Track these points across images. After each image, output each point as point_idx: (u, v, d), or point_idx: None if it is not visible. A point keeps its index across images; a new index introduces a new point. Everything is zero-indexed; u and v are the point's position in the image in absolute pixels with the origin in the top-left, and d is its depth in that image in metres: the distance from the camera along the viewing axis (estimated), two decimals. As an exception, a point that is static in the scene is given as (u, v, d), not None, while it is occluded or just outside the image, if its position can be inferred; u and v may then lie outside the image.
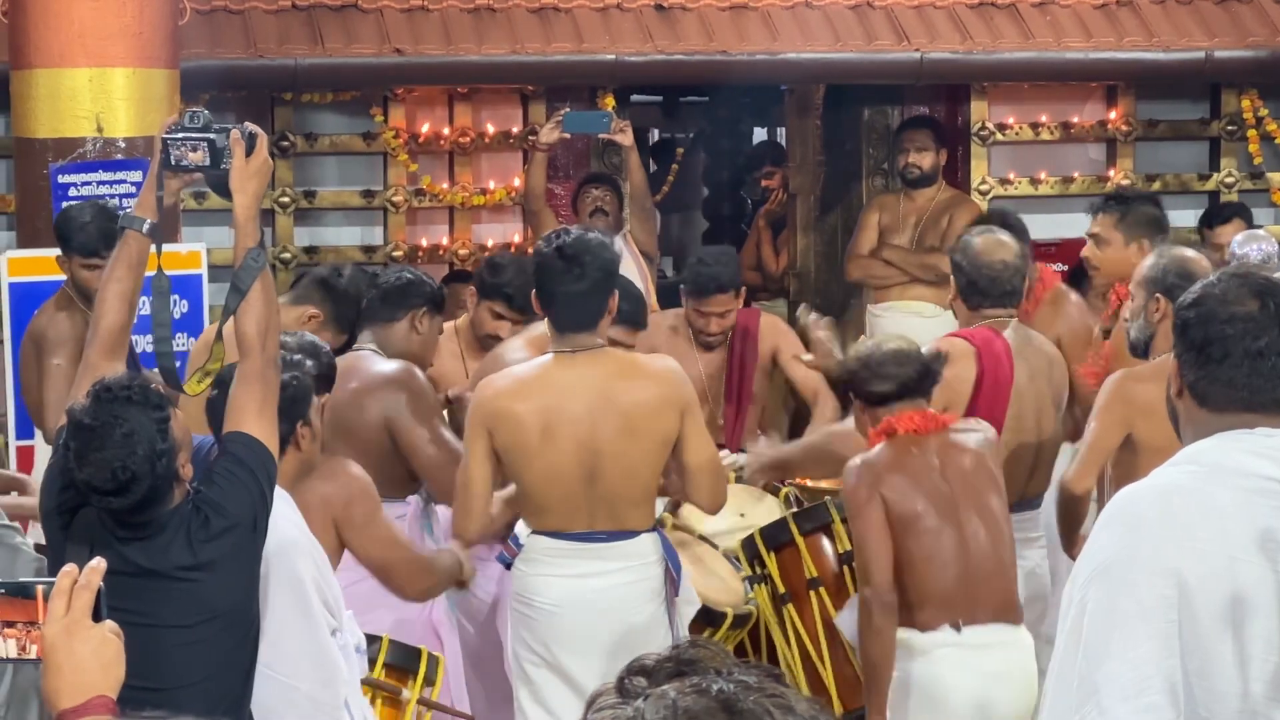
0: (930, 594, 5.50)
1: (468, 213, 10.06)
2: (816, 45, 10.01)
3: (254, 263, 4.55)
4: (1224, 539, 3.30)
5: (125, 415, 4.24)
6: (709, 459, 5.82)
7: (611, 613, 5.70)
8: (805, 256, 11.04)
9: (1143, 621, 3.27)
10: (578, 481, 5.69)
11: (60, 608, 2.91)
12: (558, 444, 5.67)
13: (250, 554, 4.46)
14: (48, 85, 7.91)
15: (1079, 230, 10.57)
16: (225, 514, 4.37)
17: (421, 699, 5.40)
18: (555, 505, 5.73)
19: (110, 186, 7.88)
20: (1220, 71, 10.43)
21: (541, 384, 5.74)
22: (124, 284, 4.68)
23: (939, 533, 5.51)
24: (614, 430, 5.68)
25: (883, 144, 10.84)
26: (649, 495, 5.83)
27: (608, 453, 5.67)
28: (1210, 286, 3.49)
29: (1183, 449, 3.47)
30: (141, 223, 4.69)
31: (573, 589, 5.72)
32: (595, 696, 1.91)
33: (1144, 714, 3.24)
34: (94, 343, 4.66)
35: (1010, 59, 10.18)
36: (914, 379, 5.67)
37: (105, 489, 4.26)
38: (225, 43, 9.46)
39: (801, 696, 1.86)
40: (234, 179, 4.61)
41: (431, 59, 9.68)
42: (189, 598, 4.37)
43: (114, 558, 4.27)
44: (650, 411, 5.70)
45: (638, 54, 9.86)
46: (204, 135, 4.64)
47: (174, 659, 4.35)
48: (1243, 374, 3.41)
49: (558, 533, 5.75)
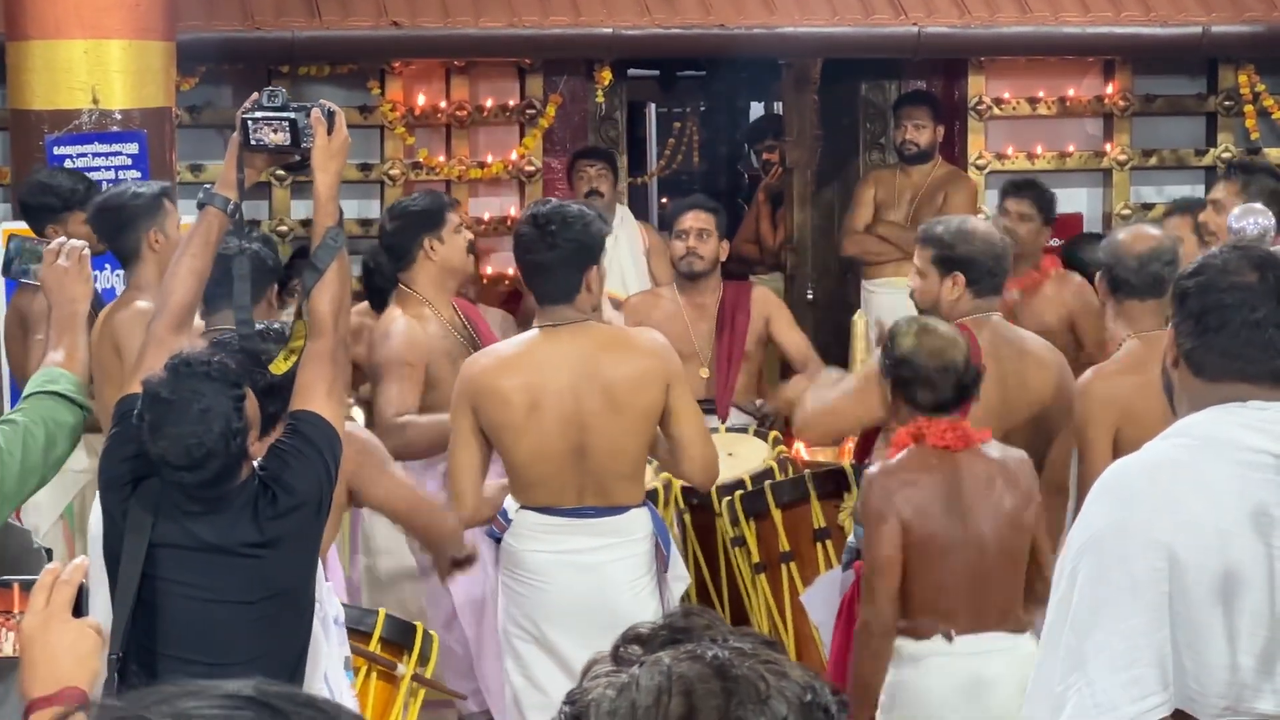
0: (931, 606, 5.37)
1: (464, 186, 10.06)
2: (814, 19, 10.00)
3: (333, 242, 4.55)
4: (1215, 512, 3.31)
5: (203, 391, 4.24)
6: (698, 431, 5.79)
7: (600, 588, 5.69)
8: (802, 231, 11.05)
9: (1133, 594, 3.27)
10: (565, 457, 5.67)
11: (40, 601, 2.94)
12: (544, 420, 5.65)
13: (314, 533, 4.47)
14: (43, 57, 7.90)
15: (1076, 205, 10.62)
16: (293, 492, 4.37)
17: (416, 676, 5.40)
18: (543, 481, 5.71)
19: (105, 159, 7.87)
20: (1217, 47, 10.42)
21: (526, 360, 5.71)
22: (198, 260, 4.65)
23: (949, 550, 5.35)
24: (599, 404, 5.66)
25: (879, 119, 10.84)
26: (637, 470, 5.81)
27: (594, 427, 5.65)
28: (1211, 258, 3.51)
29: (1175, 422, 3.48)
30: (225, 201, 4.67)
31: (561, 564, 5.71)
32: (590, 664, 1.92)
33: (1132, 686, 3.26)
34: (162, 317, 4.63)
35: (1007, 33, 10.18)
36: (950, 399, 5.43)
37: (179, 463, 4.25)
38: (222, 15, 9.45)
39: (796, 664, 1.87)
40: (316, 158, 4.61)
41: (428, 32, 9.67)
42: (253, 574, 4.36)
43: (179, 531, 4.33)
44: (635, 385, 5.68)
45: (635, 27, 9.85)
46: (284, 114, 4.64)
47: (233, 635, 4.35)
48: (1239, 344, 3.42)
49: (547, 508, 5.74)
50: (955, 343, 5.48)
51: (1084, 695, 3.26)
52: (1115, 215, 10.55)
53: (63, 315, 4.80)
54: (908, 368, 5.43)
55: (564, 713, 1.88)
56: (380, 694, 5.35)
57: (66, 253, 4.84)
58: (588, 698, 1.86)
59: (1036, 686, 3.38)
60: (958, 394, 5.44)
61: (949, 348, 5.45)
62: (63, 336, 4.78)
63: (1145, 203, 10.67)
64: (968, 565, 5.37)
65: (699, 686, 1.82)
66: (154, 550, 4.28)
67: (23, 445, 4.49)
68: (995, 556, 5.39)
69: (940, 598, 5.37)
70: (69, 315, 4.81)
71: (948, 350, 5.44)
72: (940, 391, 5.41)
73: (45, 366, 4.70)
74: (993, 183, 10.46)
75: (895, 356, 5.48)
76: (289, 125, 4.63)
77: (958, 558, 5.36)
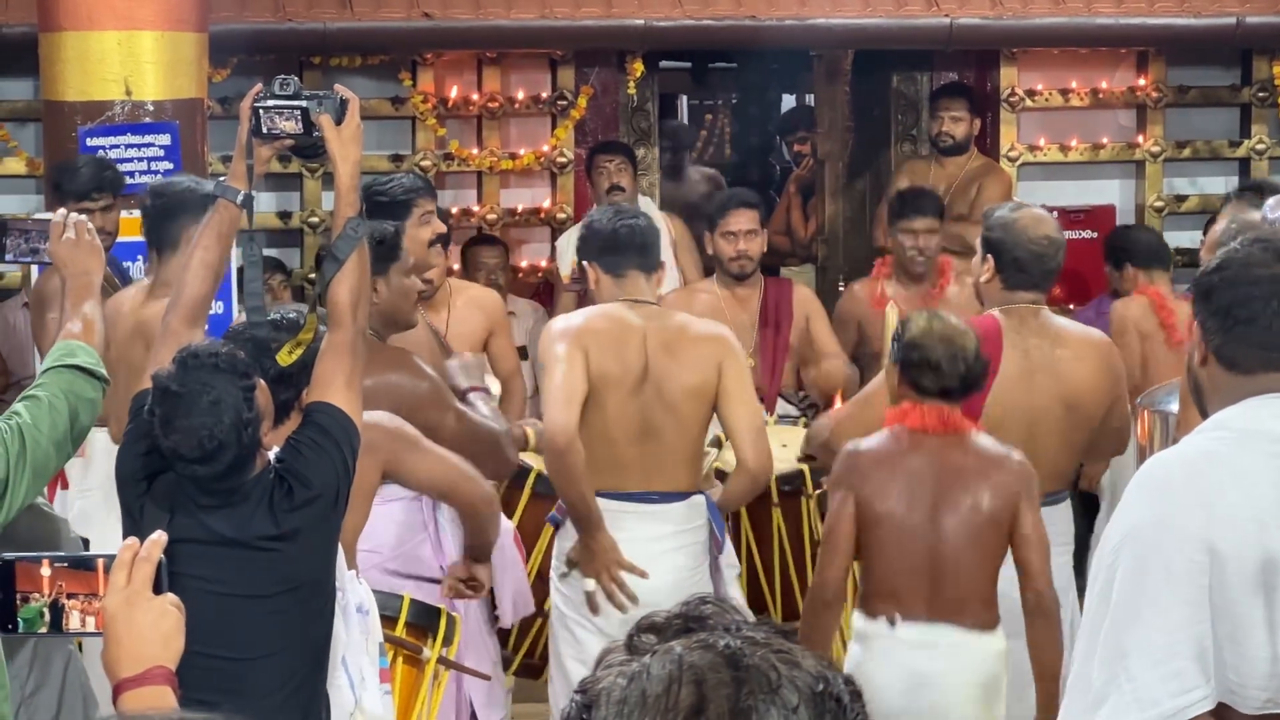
0: (883, 588, 5.40)
1: (496, 177, 10.07)
2: (845, 10, 9.99)
3: (353, 232, 4.51)
4: (1253, 504, 3.30)
5: (212, 382, 4.20)
6: (753, 413, 5.94)
7: (658, 574, 5.75)
8: (834, 222, 11.03)
9: (1172, 587, 3.26)
10: (633, 439, 5.78)
11: (121, 579, 2.91)
12: (618, 396, 5.78)
13: (331, 526, 4.43)
14: (76, 48, 7.92)
15: (1109, 197, 10.59)
16: (309, 484, 4.33)
17: (440, 658, 5.43)
18: (610, 464, 5.80)
19: (138, 150, 7.88)
20: (1251, 37, 10.37)
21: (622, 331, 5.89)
22: (211, 253, 4.65)
23: (904, 534, 5.36)
24: (663, 389, 5.80)
25: (911, 110, 10.81)
26: (697, 455, 5.93)
27: (663, 410, 5.77)
28: (1232, 252, 3.50)
29: (1211, 417, 3.47)
30: (236, 193, 4.65)
31: (626, 552, 5.77)
32: (605, 653, 1.92)
33: (1172, 680, 3.24)
34: (176, 309, 4.62)
35: (1040, 24, 10.15)
36: (955, 388, 5.45)
37: (191, 456, 4.22)
38: (254, 6, 9.47)
39: (809, 653, 1.87)
40: (333, 148, 4.57)
41: (460, 23, 9.68)
42: (270, 568, 4.33)
43: (195, 526, 4.29)
44: (696, 369, 5.81)
45: (667, 19, 9.85)
46: (295, 103, 4.60)
47: (251, 628, 4.32)
48: (1272, 335, 3.42)
49: (609, 493, 5.79)
50: (966, 332, 5.51)
51: (1124, 690, 3.25)
52: (1148, 207, 10.52)
53: (78, 286, 4.80)
54: (917, 351, 5.46)
55: (575, 701, 1.88)
56: (406, 678, 5.37)
57: (73, 225, 4.86)
58: (599, 686, 1.86)
59: (1075, 681, 3.37)
60: (963, 384, 5.45)
61: (959, 335, 5.48)
62: (78, 307, 4.77)
63: (1179, 194, 10.63)
64: (926, 553, 5.37)
65: (710, 676, 1.82)
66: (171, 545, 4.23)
67: (49, 420, 4.49)
68: (960, 549, 5.37)
69: (892, 580, 5.40)
70: (84, 286, 4.81)
71: (958, 337, 5.47)
72: (946, 378, 5.42)
73: (62, 339, 4.69)
74: (1025, 175, 10.44)
75: (905, 340, 5.51)
76: (301, 114, 4.59)
77: (915, 543, 5.37)
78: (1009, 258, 5.98)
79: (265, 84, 4.68)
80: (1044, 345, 5.96)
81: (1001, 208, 6.24)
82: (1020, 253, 5.97)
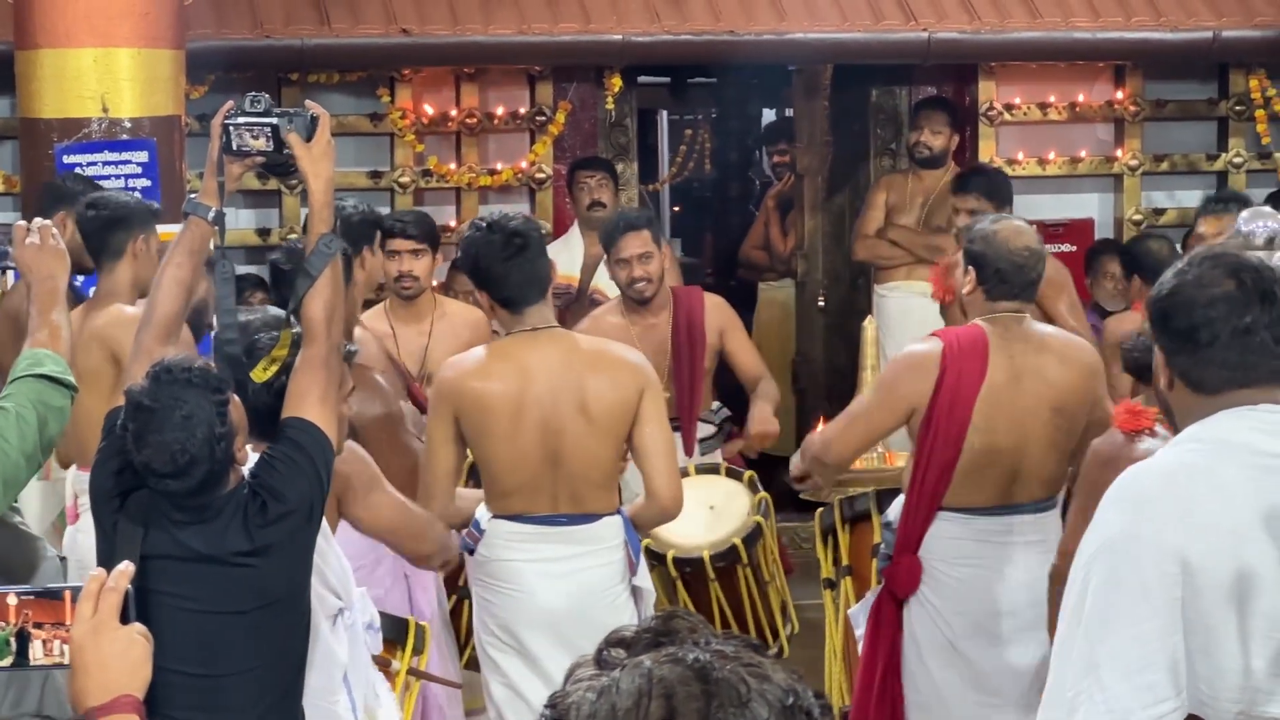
0: None
1: (474, 193, 10.06)
2: (824, 25, 10.00)
3: (326, 249, 4.52)
4: (1229, 516, 3.30)
5: (185, 397, 4.20)
6: (666, 444, 5.77)
7: (576, 596, 5.68)
8: (813, 237, 11.03)
9: (1145, 599, 3.27)
10: (541, 464, 5.66)
11: (88, 610, 2.90)
12: (523, 426, 5.65)
13: (306, 541, 4.43)
14: (53, 65, 7.91)
15: (1087, 211, 10.61)
16: (283, 500, 4.33)
17: (411, 669, 5.43)
18: (519, 488, 5.69)
19: (115, 167, 7.87)
20: (1228, 51, 10.40)
21: (508, 365, 5.71)
22: (183, 270, 4.66)
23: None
24: (575, 412, 5.66)
25: (890, 124, 10.83)
26: (611, 478, 5.80)
27: (570, 434, 5.65)
28: (1183, 274, 3.47)
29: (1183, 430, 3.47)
30: (207, 210, 4.66)
31: (537, 573, 5.70)
32: (574, 668, 1.91)
33: (1144, 691, 3.25)
34: (148, 328, 4.62)
35: (1018, 39, 10.16)
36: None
37: (163, 471, 4.22)
38: (231, 23, 9.46)
39: (779, 666, 1.86)
40: (304, 165, 4.58)
41: (438, 39, 9.67)
42: (244, 583, 4.33)
43: (169, 542, 4.29)
44: (610, 392, 5.68)
45: (645, 34, 9.85)
46: (265, 120, 4.61)
47: (227, 645, 4.32)
48: (1235, 353, 3.41)
49: (521, 516, 5.74)
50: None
51: (1096, 701, 3.26)
52: (1126, 220, 10.54)
53: (43, 292, 4.81)
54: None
55: (545, 716, 1.87)
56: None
57: (37, 229, 4.85)
58: (568, 700, 1.86)
59: (1050, 692, 3.37)
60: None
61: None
62: (45, 314, 4.78)
63: (1156, 208, 10.65)
64: None
65: (679, 689, 1.81)
66: (145, 562, 4.23)
67: (18, 431, 4.48)
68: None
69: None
70: (50, 292, 4.82)
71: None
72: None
73: (29, 347, 4.69)
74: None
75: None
76: (271, 131, 4.59)
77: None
78: (991, 269, 6.02)
79: (237, 101, 4.67)
80: (1028, 351, 6.01)
81: (982, 220, 6.28)
82: (1002, 264, 6.01)
